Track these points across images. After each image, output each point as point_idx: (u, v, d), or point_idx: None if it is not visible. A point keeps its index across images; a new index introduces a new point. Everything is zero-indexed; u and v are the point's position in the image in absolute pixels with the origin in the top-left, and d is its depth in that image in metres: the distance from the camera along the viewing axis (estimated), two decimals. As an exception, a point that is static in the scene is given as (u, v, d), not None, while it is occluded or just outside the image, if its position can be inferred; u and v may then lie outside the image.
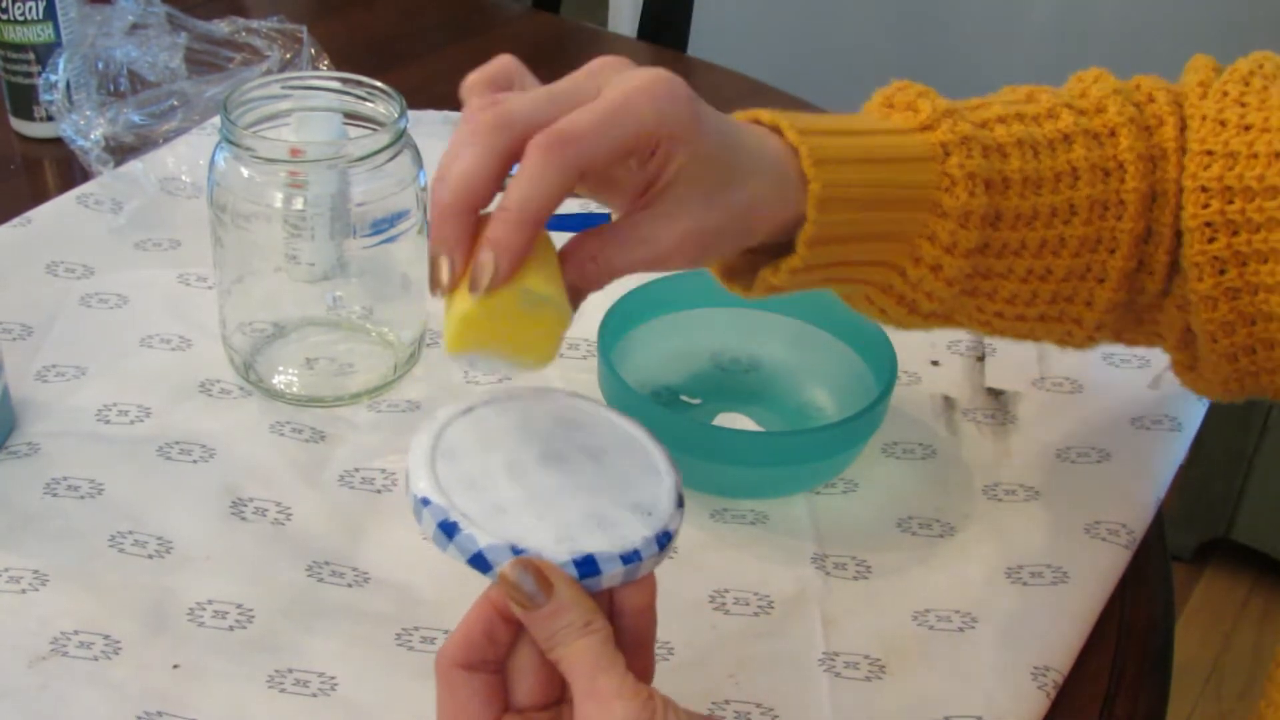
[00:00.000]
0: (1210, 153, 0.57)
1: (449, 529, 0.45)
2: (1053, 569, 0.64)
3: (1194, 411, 0.74)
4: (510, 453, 0.47)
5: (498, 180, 0.47)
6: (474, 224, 0.46)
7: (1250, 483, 1.71)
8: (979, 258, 0.56)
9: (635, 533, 0.45)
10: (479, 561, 0.44)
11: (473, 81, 0.53)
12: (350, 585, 0.62)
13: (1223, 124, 0.58)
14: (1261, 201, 0.55)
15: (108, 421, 0.70)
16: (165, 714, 0.55)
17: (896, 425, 0.71)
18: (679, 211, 0.49)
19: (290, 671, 0.57)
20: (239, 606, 0.60)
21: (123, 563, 0.62)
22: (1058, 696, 0.58)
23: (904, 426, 0.72)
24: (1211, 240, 0.56)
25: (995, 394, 0.75)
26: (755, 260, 0.55)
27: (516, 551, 0.44)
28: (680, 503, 0.48)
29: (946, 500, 0.68)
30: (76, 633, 0.58)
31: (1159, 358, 0.79)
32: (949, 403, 0.75)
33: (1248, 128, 0.57)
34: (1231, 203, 0.56)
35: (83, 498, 0.65)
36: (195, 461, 0.68)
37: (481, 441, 0.48)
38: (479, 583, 0.63)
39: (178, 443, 0.69)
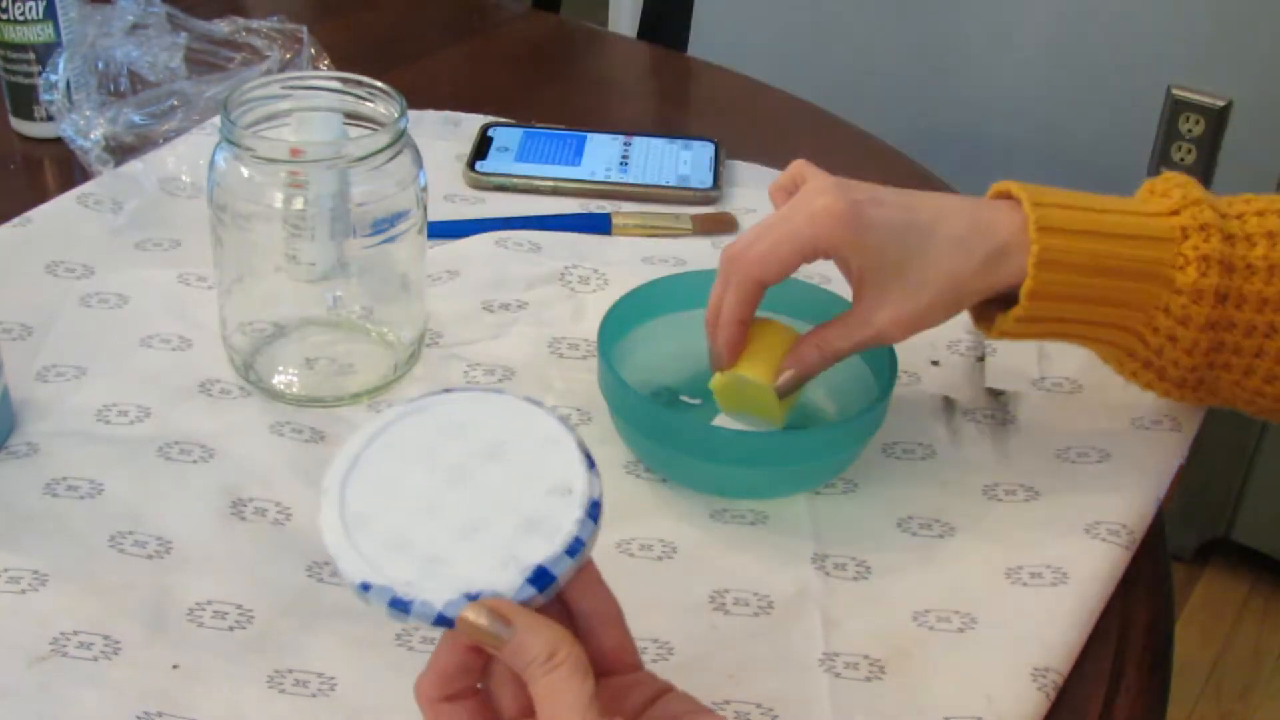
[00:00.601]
0: None
1: (400, 605, 0.44)
2: (1053, 569, 0.64)
3: (1194, 411, 0.74)
4: (415, 492, 0.47)
5: (753, 309, 0.65)
6: (743, 331, 0.65)
7: (1250, 483, 1.71)
8: (1223, 334, 0.63)
9: (568, 518, 0.45)
10: (442, 621, 0.44)
11: (773, 189, 0.68)
12: (350, 585, 0.62)
13: None
14: None
15: (108, 421, 0.70)
16: (165, 714, 0.55)
17: (896, 425, 0.71)
18: (880, 301, 0.63)
19: (290, 671, 0.57)
20: (239, 606, 0.60)
21: (123, 563, 0.62)
22: (1058, 696, 0.58)
23: (904, 426, 0.72)
24: None
25: (995, 394, 0.75)
26: (992, 308, 0.65)
27: (470, 598, 0.44)
28: (590, 463, 0.47)
29: (946, 500, 0.68)
30: (76, 633, 0.58)
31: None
32: (949, 403, 0.75)
33: None
34: None
35: (83, 498, 0.65)
36: (195, 461, 0.68)
37: (383, 492, 0.47)
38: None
39: (178, 443, 0.69)
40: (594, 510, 0.46)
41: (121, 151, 0.90)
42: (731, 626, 0.61)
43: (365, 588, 0.45)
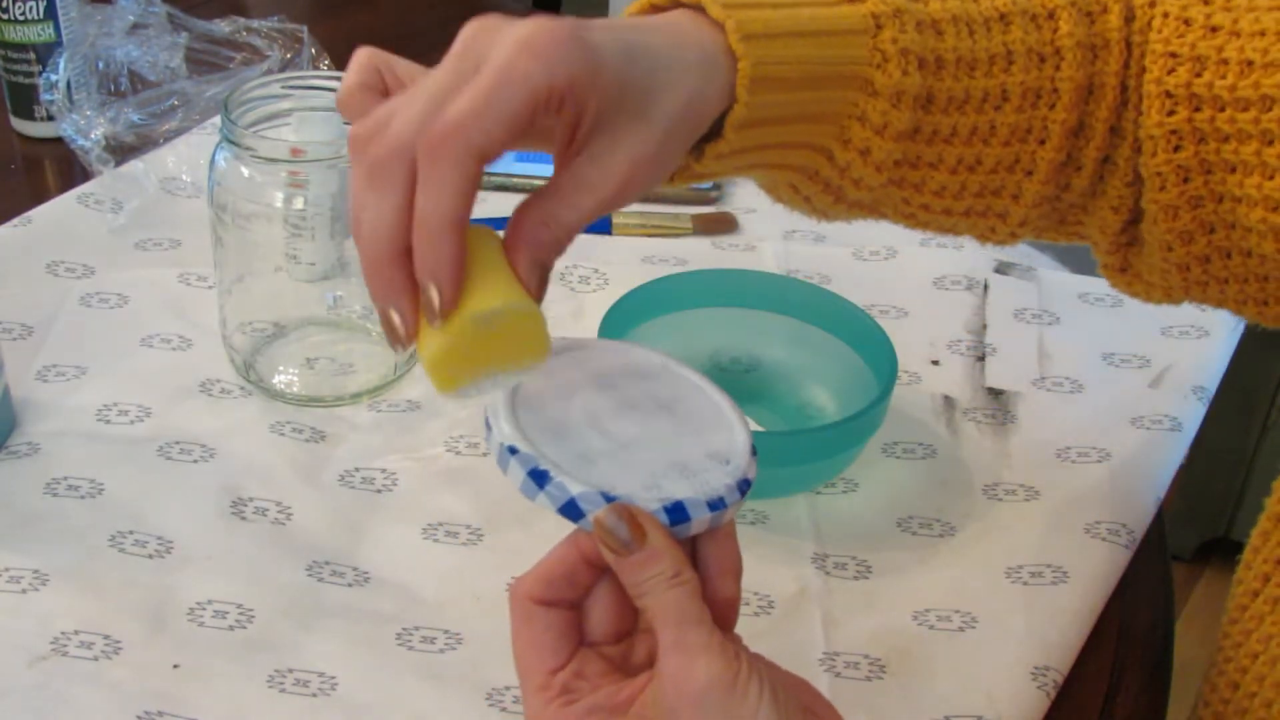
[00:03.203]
0: (1175, 55, 0.54)
1: (539, 477, 0.44)
2: (1053, 569, 0.64)
3: (1194, 411, 0.75)
4: (588, 402, 0.47)
5: (412, 211, 0.43)
6: (408, 265, 0.43)
7: (1250, 483, 1.71)
8: (909, 143, 0.52)
9: (718, 480, 0.45)
10: (570, 509, 0.44)
11: (344, 99, 0.49)
12: (350, 585, 0.62)
13: (1187, 23, 0.54)
14: (1233, 113, 0.53)
15: (108, 421, 0.70)
16: (165, 714, 0.55)
17: (896, 425, 0.71)
18: (614, 147, 0.46)
19: (290, 671, 0.57)
20: (239, 606, 0.60)
21: (123, 563, 0.62)
22: (1058, 696, 0.58)
23: (904, 426, 0.72)
24: (1177, 149, 0.54)
25: (995, 394, 0.75)
26: None
27: (608, 499, 0.43)
28: (754, 452, 0.47)
29: (946, 500, 0.68)
30: (76, 633, 0.58)
31: (1159, 357, 0.79)
32: (949, 403, 0.75)
33: (1214, 29, 0.54)
34: (1199, 110, 0.53)
35: (83, 498, 0.65)
36: (195, 461, 0.68)
37: (558, 391, 0.47)
38: (478, 582, 0.63)
39: (178, 443, 0.69)
40: (744, 486, 0.46)
41: (122, 151, 0.90)
42: (731, 626, 0.61)
43: (512, 450, 0.44)
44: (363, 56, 0.49)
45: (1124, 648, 0.62)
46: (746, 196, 0.93)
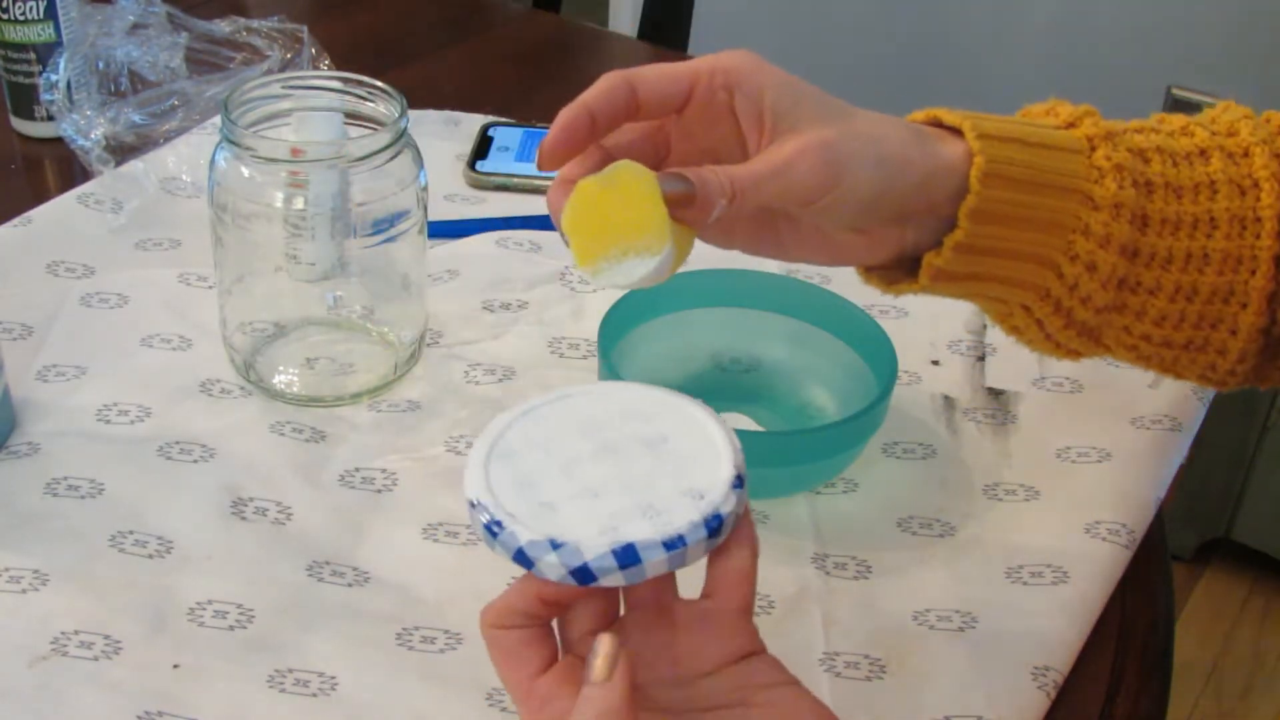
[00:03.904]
0: None
1: (494, 529, 0.46)
2: (1053, 569, 0.64)
3: (1194, 411, 0.74)
4: (567, 449, 0.49)
5: (610, 105, 0.53)
6: (584, 132, 0.53)
7: (1250, 483, 1.71)
8: (1130, 264, 0.56)
9: (683, 518, 0.46)
10: (520, 557, 0.45)
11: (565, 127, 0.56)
12: (350, 585, 0.62)
13: None
14: None
15: (108, 421, 0.70)
16: (165, 714, 0.55)
17: (896, 425, 0.71)
18: (799, 131, 0.52)
19: (290, 671, 0.57)
20: (239, 606, 0.60)
21: (123, 563, 0.62)
22: (1058, 696, 0.58)
23: (904, 426, 0.72)
24: None
25: (995, 394, 0.75)
26: (901, 273, 0.57)
27: (555, 545, 0.45)
28: (739, 483, 0.48)
29: (946, 500, 0.68)
30: (76, 633, 0.58)
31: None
32: (949, 403, 0.75)
33: None
34: None
35: (83, 498, 0.65)
36: (195, 461, 0.68)
37: (540, 440, 0.49)
38: (478, 582, 0.63)
39: (178, 442, 0.69)
40: (713, 521, 0.46)
41: (122, 151, 0.90)
42: (731, 626, 0.61)
43: (473, 504, 0.47)
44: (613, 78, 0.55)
45: (1124, 648, 0.62)
46: (746, 196, 0.93)
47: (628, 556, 0.45)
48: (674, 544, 0.45)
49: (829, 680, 0.58)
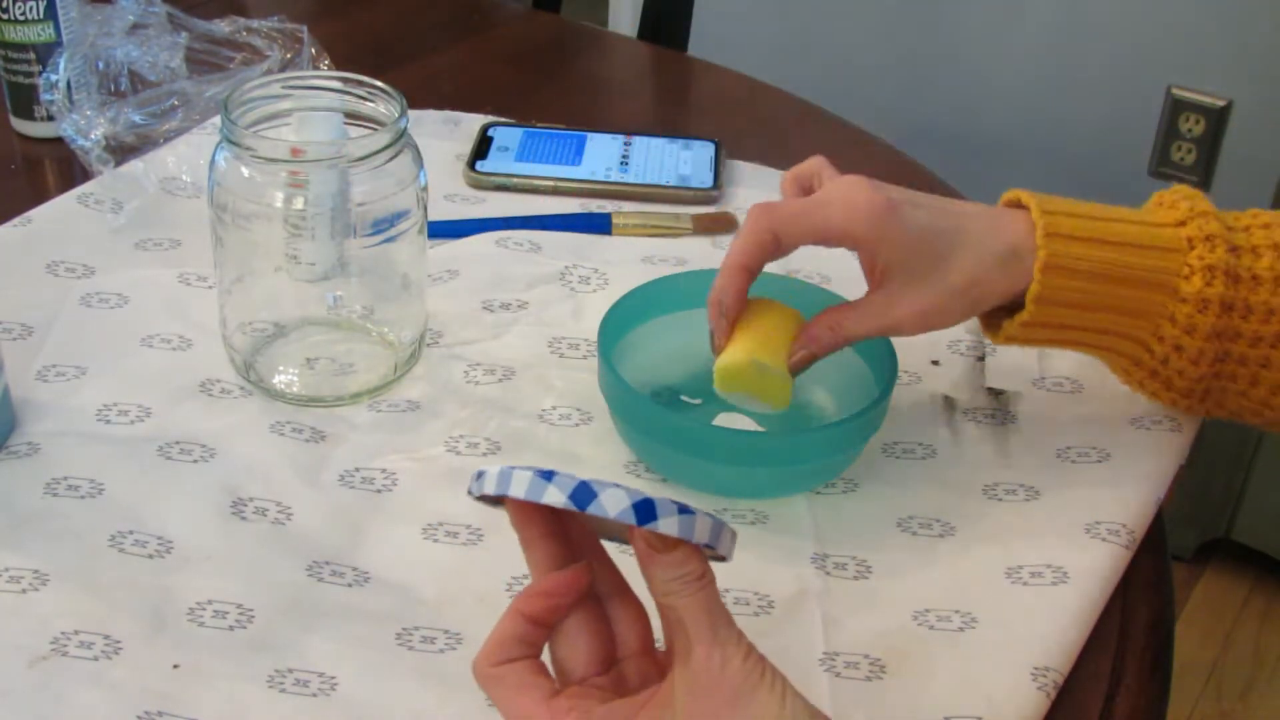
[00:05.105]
0: None
1: (546, 475, 0.47)
2: (1053, 569, 0.64)
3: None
4: None
5: (760, 259, 0.65)
6: (740, 297, 0.65)
7: (1250, 483, 1.71)
8: (1228, 344, 0.64)
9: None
10: (645, 508, 0.46)
11: (784, 180, 0.71)
12: (350, 585, 0.62)
13: None
14: None
15: (108, 421, 0.70)
16: (165, 714, 0.55)
17: (896, 425, 0.71)
18: (901, 294, 0.64)
19: (290, 671, 0.57)
20: (239, 606, 0.60)
21: (123, 563, 0.62)
22: (1058, 696, 0.58)
23: (904, 426, 0.72)
24: None
25: (995, 394, 0.75)
26: (1001, 315, 0.67)
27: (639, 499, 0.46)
28: (684, 510, 0.48)
29: (946, 500, 0.68)
30: (76, 633, 0.58)
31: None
32: (949, 403, 0.75)
33: None
34: None
35: (83, 498, 0.65)
36: (195, 461, 0.68)
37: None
38: (478, 582, 0.63)
39: (178, 443, 0.69)
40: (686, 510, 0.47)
41: (122, 151, 0.90)
42: (731, 626, 0.61)
43: (548, 476, 0.47)
44: (815, 160, 0.70)
45: (1124, 648, 0.62)
46: (747, 196, 0.93)
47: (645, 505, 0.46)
48: (685, 509, 0.46)
49: (829, 680, 0.58)
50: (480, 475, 0.49)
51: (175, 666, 0.57)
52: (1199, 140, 1.56)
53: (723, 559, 0.49)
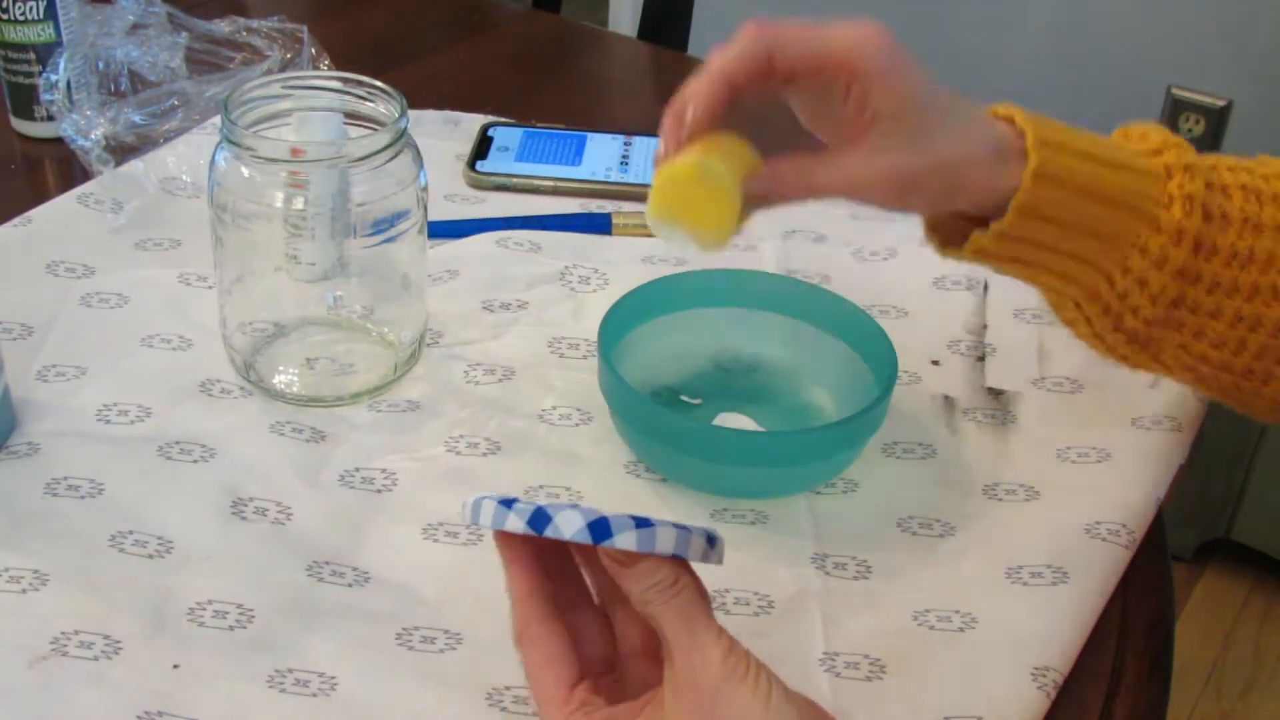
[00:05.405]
0: None
1: (507, 504, 0.49)
2: (1053, 569, 0.64)
3: (1194, 412, 0.74)
4: None
5: (748, 75, 0.55)
6: (712, 110, 0.55)
7: (1250, 483, 1.71)
8: (1188, 286, 0.58)
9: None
10: (599, 527, 0.47)
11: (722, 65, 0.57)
12: (350, 585, 0.62)
13: None
14: None
15: (108, 421, 0.70)
16: (165, 714, 0.55)
17: (896, 425, 0.71)
18: (882, 149, 0.55)
19: (290, 671, 0.57)
20: (239, 606, 0.60)
21: (123, 563, 0.62)
22: (1058, 696, 0.58)
23: (904, 426, 0.72)
24: None
25: (995, 394, 0.75)
26: (967, 228, 0.59)
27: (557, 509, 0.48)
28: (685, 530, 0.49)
29: (946, 500, 0.68)
30: (76, 633, 0.58)
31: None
32: (949, 403, 0.75)
33: None
34: None
35: (83, 498, 0.65)
36: (195, 461, 0.68)
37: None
38: (478, 582, 0.63)
39: (178, 443, 0.69)
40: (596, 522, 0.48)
41: (122, 151, 0.90)
42: (732, 626, 0.61)
43: (508, 504, 0.49)
44: (751, 31, 0.57)
45: (1124, 648, 0.62)
46: (746, 196, 0.93)
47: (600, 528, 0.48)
48: (642, 523, 0.48)
49: (829, 680, 0.58)
50: (464, 505, 0.51)
51: (175, 666, 0.57)
52: (1199, 140, 1.56)
53: (712, 563, 0.50)
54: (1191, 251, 0.58)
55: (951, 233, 0.60)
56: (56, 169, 0.95)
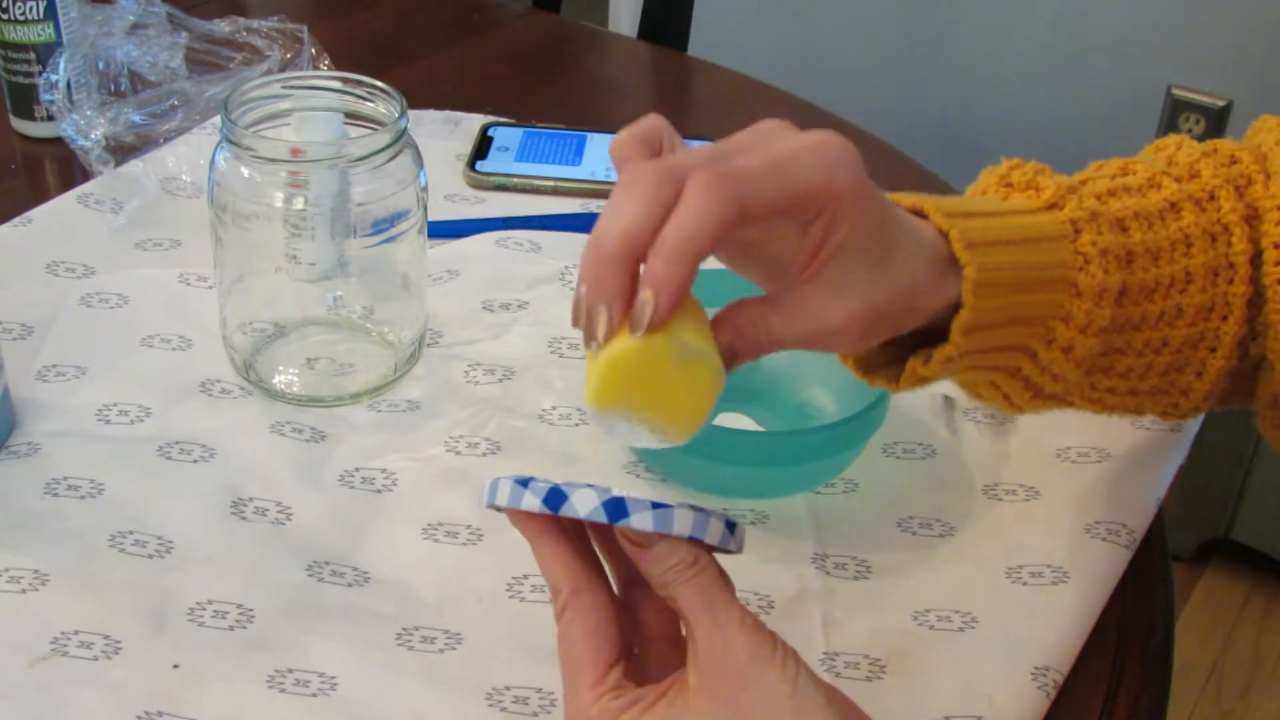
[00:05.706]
0: None
1: (523, 483, 0.48)
2: (1053, 569, 0.64)
3: (1194, 411, 0.74)
4: None
5: (717, 243, 0.45)
6: (634, 275, 0.45)
7: (1250, 483, 1.71)
8: (1112, 335, 0.55)
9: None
10: (615, 506, 0.46)
11: (624, 139, 0.49)
12: (350, 585, 0.62)
13: None
14: None
15: (108, 421, 0.70)
16: (165, 714, 0.55)
17: (896, 425, 0.71)
18: (846, 287, 0.48)
19: (290, 671, 0.57)
20: (239, 606, 0.60)
21: (123, 563, 0.62)
22: (1058, 696, 0.58)
23: (904, 426, 0.72)
24: None
25: (995, 394, 0.75)
26: (887, 353, 0.54)
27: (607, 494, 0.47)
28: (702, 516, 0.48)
29: (946, 500, 0.68)
30: (76, 633, 0.58)
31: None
32: (949, 403, 0.75)
33: None
34: None
35: (83, 498, 0.65)
36: (195, 461, 0.68)
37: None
38: (478, 582, 0.63)
39: (178, 443, 0.69)
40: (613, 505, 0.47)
41: (122, 151, 0.90)
42: (731, 626, 0.61)
43: (524, 483, 0.48)
44: (654, 118, 0.49)
45: (1124, 648, 0.62)
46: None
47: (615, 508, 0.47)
48: (659, 505, 0.47)
49: (829, 680, 0.58)
50: (483, 487, 0.50)
51: (175, 666, 0.57)
52: (1198, 141, 1.56)
53: (730, 552, 0.49)
54: (1115, 304, 0.54)
55: (872, 359, 0.55)
56: (56, 169, 0.95)
